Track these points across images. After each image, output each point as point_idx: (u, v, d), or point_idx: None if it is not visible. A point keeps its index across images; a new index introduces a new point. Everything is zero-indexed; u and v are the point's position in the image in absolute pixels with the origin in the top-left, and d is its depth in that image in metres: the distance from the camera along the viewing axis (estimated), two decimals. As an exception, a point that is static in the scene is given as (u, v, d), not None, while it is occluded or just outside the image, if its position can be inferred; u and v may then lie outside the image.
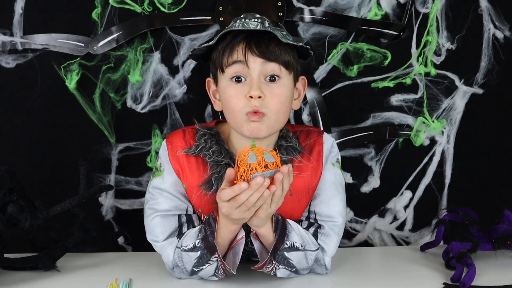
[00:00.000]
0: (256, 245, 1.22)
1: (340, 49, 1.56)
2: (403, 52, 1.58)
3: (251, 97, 1.18)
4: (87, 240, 1.39)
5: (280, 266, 1.20)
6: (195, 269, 1.22)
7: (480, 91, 1.60)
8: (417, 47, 1.58)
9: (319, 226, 1.27)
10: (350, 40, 1.57)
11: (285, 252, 1.19)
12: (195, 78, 1.54)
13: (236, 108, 1.20)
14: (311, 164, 1.28)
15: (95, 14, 1.50)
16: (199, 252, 1.19)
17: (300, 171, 1.27)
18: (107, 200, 1.57)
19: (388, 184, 1.62)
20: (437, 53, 1.58)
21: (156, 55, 1.54)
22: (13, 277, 1.29)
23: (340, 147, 1.56)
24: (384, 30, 1.55)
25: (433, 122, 1.60)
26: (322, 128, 1.56)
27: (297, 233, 1.22)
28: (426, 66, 1.58)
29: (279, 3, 1.52)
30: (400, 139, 1.61)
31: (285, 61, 1.20)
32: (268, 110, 1.19)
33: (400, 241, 1.66)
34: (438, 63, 1.58)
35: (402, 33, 1.56)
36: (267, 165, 1.09)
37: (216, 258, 1.18)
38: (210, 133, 1.28)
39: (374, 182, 1.62)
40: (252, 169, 1.08)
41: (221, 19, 1.51)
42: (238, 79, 1.21)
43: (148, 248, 1.31)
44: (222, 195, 1.10)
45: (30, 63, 1.51)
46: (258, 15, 1.22)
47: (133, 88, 1.54)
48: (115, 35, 1.51)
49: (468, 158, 1.63)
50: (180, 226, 1.26)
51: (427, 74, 1.59)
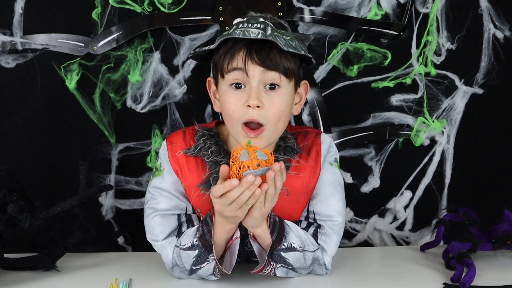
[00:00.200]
0: (255, 247, 1.22)
1: (340, 49, 1.56)
2: (403, 52, 1.58)
3: (249, 106, 1.17)
4: (87, 240, 1.38)
5: (278, 265, 1.20)
6: (194, 267, 1.22)
7: (480, 91, 1.60)
8: (417, 47, 1.57)
9: (319, 226, 1.27)
10: (350, 40, 1.56)
11: (281, 252, 1.19)
12: (195, 78, 1.54)
13: (233, 116, 1.20)
14: (309, 164, 1.28)
15: (95, 14, 1.50)
16: (197, 250, 1.19)
17: (298, 171, 1.27)
18: (107, 200, 1.57)
19: (388, 184, 1.62)
20: (437, 53, 1.58)
21: (156, 55, 1.54)
22: (13, 277, 1.29)
23: (340, 147, 1.56)
24: (384, 30, 1.55)
25: (433, 122, 1.60)
26: (322, 128, 1.56)
27: (295, 234, 1.22)
28: (426, 66, 1.58)
29: (279, 3, 1.52)
30: (400, 139, 1.61)
31: (285, 69, 1.19)
32: (266, 120, 1.18)
33: (400, 241, 1.66)
34: (438, 63, 1.58)
35: (402, 33, 1.56)
36: (260, 163, 1.09)
37: (214, 257, 1.18)
38: (209, 133, 1.28)
39: (374, 182, 1.62)
40: (244, 166, 1.09)
41: (221, 19, 1.51)
42: (238, 86, 1.20)
43: (148, 248, 1.31)
44: (214, 190, 1.11)
45: (30, 63, 1.51)
46: (262, 19, 1.21)
47: (133, 88, 1.54)
48: (115, 35, 1.51)
49: (468, 158, 1.63)
50: (180, 225, 1.26)
51: (427, 74, 1.59)
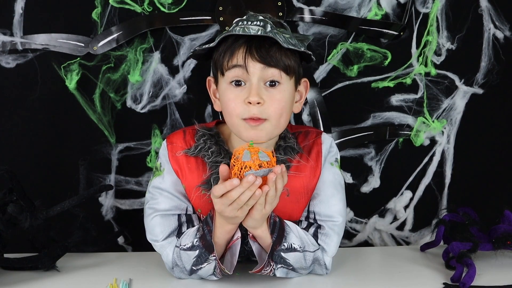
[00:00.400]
0: (255, 247, 1.22)
1: (340, 49, 1.56)
2: (403, 52, 1.58)
3: (250, 102, 1.17)
4: (87, 240, 1.38)
5: (278, 266, 1.20)
6: (194, 268, 1.22)
7: (480, 91, 1.60)
8: (417, 47, 1.57)
9: (319, 226, 1.27)
10: (350, 40, 1.56)
11: (282, 253, 1.19)
12: (195, 78, 1.54)
13: (233, 113, 1.19)
14: (309, 164, 1.28)
15: (95, 14, 1.50)
16: (197, 251, 1.19)
17: (298, 172, 1.26)
18: (107, 200, 1.57)
19: (388, 184, 1.62)
20: (437, 53, 1.58)
21: (156, 55, 1.54)
22: (13, 277, 1.29)
23: (340, 147, 1.56)
24: (384, 30, 1.55)
25: (433, 122, 1.60)
26: (322, 128, 1.56)
27: (295, 234, 1.21)
28: (426, 66, 1.58)
29: (279, 3, 1.52)
30: (400, 139, 1.61)
31: (285, 66, 1.19)
32: (268, 115, 1.18)
33: (400, 241, 1.66)
34: (438, 63, 1.58)
35: (402, 33, 1.56)
36: (261, 164, 1.09)
37: (215, 256, 1.18)
38: (210, 133, 1.27)
39: (374, 182, 1.62)
40: (245, 167, 1.08)
41: (221, 19, 1.51)
42: (238, 83, 1.20)
43: (148, 248, 1.31)
44: (215, 190, 1.11)
45: (30, 63, 1.51)
46: (261, 17, 1.20)
47: (133, 88, 1.54)
48: (115, 35, 1.51)
49: (468, 158, 1.62)
50: (180, 225, 1.26)
51: (427, 74, 1.59)
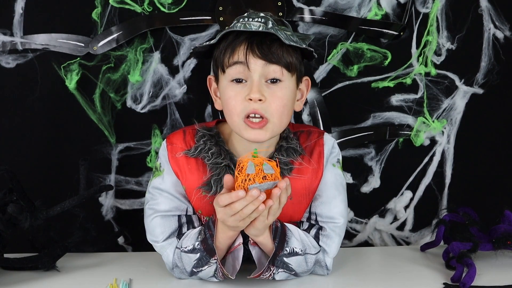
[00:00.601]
0: (254, 252, 1.21)
1: (340, 49, 1.56)
2: (403, 52, 1.58)
3: (251, 99, 1.16)
4: (87, 240, 1.38)
5: (279, 270, 1.20)
6: (194, 270, 1.21)
7: (480, 91, 1.60)
8: (417, 47, 1.57)
9: (320, 228, 1.26)
10: (350, 40, 1.56)
11: (284, 258, 1.19)
12: (195, 78, 1.54)
13: (234, 111, 1.18)
14: (311, 166, 1.27)
15: (95, 14, 1.50)
16: (198, 254, 1.19)
17: (300, 174, 1.25)
18: (107, 200, 1.57)
19: (388, 184, 1.62)
20: (437, 53, 1.58)
21: (156, 55, 1.53)
22: (13, 277, 1.29)
23: (340, 147, 1.54)
24: (384, 30, 1.55)
25: (433, 122, 1.60)
26: (322, 128, 1.56)
27: (297, 238, 1.21)
28: (426, 66, 1.58)
29: (279, 3, 1.52)
30: (400, 139, 1.61)
31: (287, 63, 1.18)
32: (270, 114, 1.17)
33: (400, 241, 1.66)
34: (438, 63, 1.58)
35: (402, 33, 1.56)
36: (265, 176, 1.07)
37: (216, 260, 1.17)
38: (210, 134, 1.26)
39: (374, 182, 1.62)
40: (250, 179, 1.07)
41: (221, 19, 1.51)
42: (239, 80, 1.18)
43: (148, 248, 1.31)
44: (220, 200, 1.10)
45: (30, 63, 1.51)
46: (262, 14, 1.19)
47: (133, 88, 1.54)
48: (115, 35, 1.51)
49: (468, 158, 1.62)
50: (180, 226, 1.25)
51: (427, 74, 1.59)
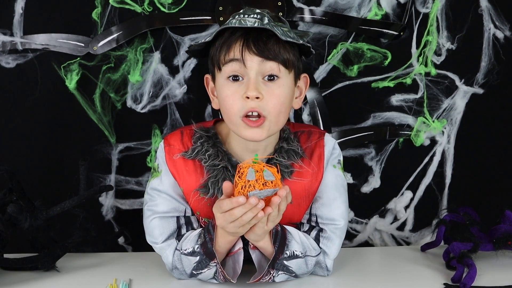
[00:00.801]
0: (254, 255, 1.20)
1: (340, 49, 1.56)
2: (403, 52, 1.57)
3: (248, 97, 1.14)
4: (87, 240, 1.38)
5: (279, 273, 1.19)
6: (194, 272, 1.21)
7: (480, 91, 1.60)
8: (417, 47, 1.57)
9: (321, 230, 1.26)
10: (350, 40, 1.56)
11: (284, 261, 1.18)
12: (195, 78, 1.54)
13: (231, 110, 1.16)
14: (311, 169, 1.26)
15: (95, 14, 1.50)
16: (198, 257, 1.19)
17: (300, 177, 1.25)
18: (107, 200, 1.57)
19: (388, 184, 1.62)
20: (437, 53, 1.58)
21: (156, 55, 1.53)
22: (13, 277, 1.29)
23: (341, 147, 1.53)
24: (384, 30, 1.55)
25: (433, 122, 1.60)
26: (322, 128, 1.55)
27: (297, 241, 1.20)
28: (426, 66, 1.58)
29: (279, 3, 1.52)
30: (401, 139, 1.61)
31: (284, 59, 1.16)
32: (267, 112, 1.15)
33: (401, 241, 1.66)
34: (438, 63, 1.58)
35: (402, 33, 1.56)
36: (266, 182, 1.07)
37: (215, 263, 1.17)
38: (207, 135, 1.25)
39: (374, 182, 1.62)
40: (250, 186, 1.06)
41: (221, 19, 1.51)
42: (235, 78, 1.17)
43: (148, 248, 1.31)
44: (222, 205, 1.09)
45: (30, 63, 1.51)
46: (258, 10, 1.18)
47: (133, 88, 1.54)
48: (115, 35, 1.51)
49: (468, 158, 1.62)
50: (179, 228, 1.25)
51: (427, 74, 1.59)
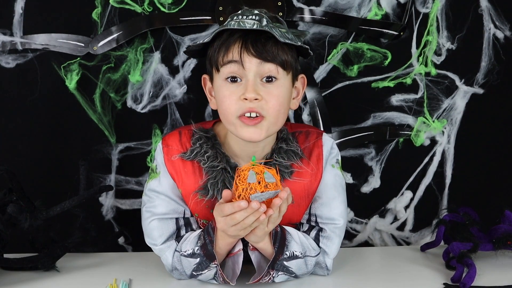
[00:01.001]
0: (254, 256, 1.20)
1: (340, 49, 1.56)
2: (403, 52, 1.57)
3: (246, 99, 1.14)
4: (87, 240, 1.38)
5: (279, 273, 1.19)
6: (194, 273, 1.21)
7: (480, 91, 1.60)
8: (417, 47, 1.57)
9: (321, 229, 1.26)
10: (350, 40, 1.56)
11: (284, 262, 1.18)
12: (195, 78, 1.54)
13: (228, 111, 1.16)
14: (311, 170, 1.26)
15: (95, 14, 1.50)
16: (198, 258, 1.18)
17: (300, 177, 1.25)
18: (108, 200, 1.57)
19: (388, 184, 1.62)
20: (437, 53, 1.58)
21: (156, 55, 1.53)
22: (13, 277, 1.29)
23: (340, 147, 1.55)
24: (384, 30, 1.55)
25: (433, 122, 1.60)
26: (322, 128, 1.55)
27: (296, 241, 1.20)
28: (426, 66, 1.58)
29: (279, 3, 1.52)
30: (401, 139, 1.61)
31: (282, 61, 1.16)
32: (266, 112, 1.16)
33: (401, 241, 1.66)
34: (438, 63, 1.58)
35: (402, 33, 1.56)
36: (267, 185, 1.07)
37: (216, 265, 1.17)
38: (206, 136, 1.25)
39: (374, 182, 1.62)
40: (251, 188, 1.06)
41: (221, 19, 1.51)
42: (234, 79, 1.17)
43: (148, 248, 1.30)
44: (223, 209, 1.09)
45: (30, 63, 1.51)
46: (256, 11, 1.18)
47: (133, 88, 1.54)
48: (115, 35, 1.51)
49: (468, 158, 1.62)
50: (178, 229, 1.25)
51: (427, 74, 1.59)
